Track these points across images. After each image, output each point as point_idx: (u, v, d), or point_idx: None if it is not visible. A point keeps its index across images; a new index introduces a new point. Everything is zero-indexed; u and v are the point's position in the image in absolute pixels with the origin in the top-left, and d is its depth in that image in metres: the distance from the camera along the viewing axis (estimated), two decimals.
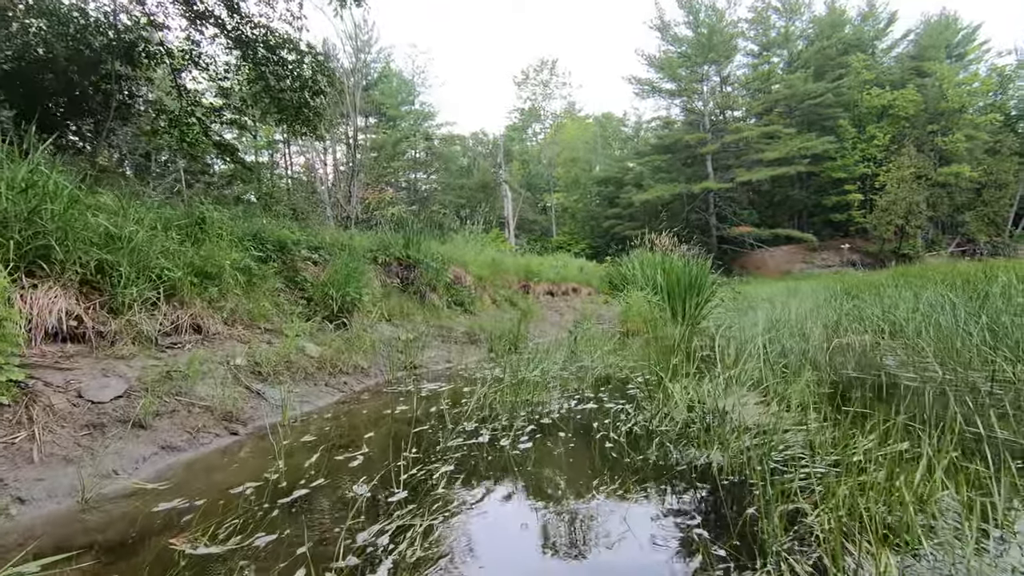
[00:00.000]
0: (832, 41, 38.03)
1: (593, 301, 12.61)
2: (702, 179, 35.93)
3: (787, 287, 15.07)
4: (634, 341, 7.01)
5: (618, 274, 11.96)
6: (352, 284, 5.69)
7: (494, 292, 9.50)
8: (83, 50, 8.27)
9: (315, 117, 10.18)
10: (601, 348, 5.52)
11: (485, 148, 48.94)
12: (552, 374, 4.44)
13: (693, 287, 9.18)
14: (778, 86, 37.26)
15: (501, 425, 2.90)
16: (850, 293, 9.24)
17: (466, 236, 11.69)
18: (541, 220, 46.45)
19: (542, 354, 5.39)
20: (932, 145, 35.00)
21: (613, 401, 3.37)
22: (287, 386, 3.73)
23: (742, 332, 5.82)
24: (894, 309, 5.82)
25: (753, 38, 40.58)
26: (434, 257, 7.78)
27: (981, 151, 35.52)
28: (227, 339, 4.11)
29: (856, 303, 6.47)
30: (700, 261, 9.63)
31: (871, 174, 34.62)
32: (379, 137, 41.34)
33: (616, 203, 41.24)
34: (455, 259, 8.71)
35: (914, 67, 37.81)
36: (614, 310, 11.91)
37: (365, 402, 3.73)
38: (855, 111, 36.87)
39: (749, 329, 6.17)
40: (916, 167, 32.92)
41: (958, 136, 33.99)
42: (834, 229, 37.08)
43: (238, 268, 4.93)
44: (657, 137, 41.30)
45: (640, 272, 10.09)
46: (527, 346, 6.94)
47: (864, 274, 16.04)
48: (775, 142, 35.24)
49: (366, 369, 4.70)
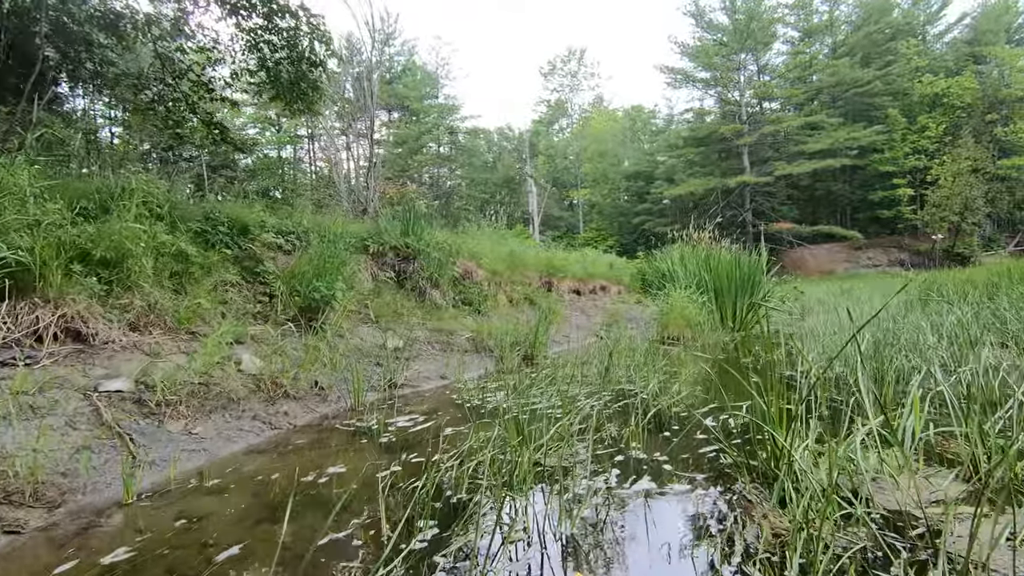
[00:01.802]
0: (880, 26, 35.53)
1: (624, 300, 11.22)
2: (738, 173, 33.88)
3: (838, 288, 13.39)
4: (679, 350, 5.65)
5: (654, 271, 10.55)
6: (325, 277, 4.48)
7: (511, 290, 8.22)
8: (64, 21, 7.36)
9: (313, 92, 9.05)
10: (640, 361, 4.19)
11: (511, 143, 47.69)
12: (580, 401, 3.14)
13: (745, 286, 7.75)
14: (821, 74, 34.94)
15: (480, 539, 1.61)
16: (928, 298, 7.62)
17: (482, 227, 10.45)
18: (567, 216, 44.93)
19: (565, 371, 4.09)
20: (991, 136, 32.31)
21: (684, 474, 2.05)
22: (184, 423, 2.53)
23: (826, 342, 4.41)
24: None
25: (793, 24, 38.25)
26: (438, 247, 6.53)
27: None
28: (124, 350, 2.93)
29: (981, 310, 4.96)
30: (754, 256, 8.18)
31: (922, 167, 32.11)
32: (402, 131, 40.48)
33: (646, 198, 39.45)
34: (466, 251, 7.47)
35: (970, 53, 35.05)
36: (647, 311, 10.51)
37: (292, 451, 2.48)
38: (905, 100, 34.36)
39: (828, 337, 4.75)
40: (973, 159, 30.38)
41: (1020, 126, 31.26)
42: (880, 226, 34.59)
43: (169, 254, 3.77)
44: (690, 129, 39.27)
45: (681, 268, 8.70)
46: (547, 355, 5.65)
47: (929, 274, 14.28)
48: (818, 133, 33.02)
49: (325, 391, 3.47)
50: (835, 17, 37.77)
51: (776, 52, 38.28)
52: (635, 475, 2.01)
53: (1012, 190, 32.46)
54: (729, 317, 7.73)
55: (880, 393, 2.61)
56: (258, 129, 40.26)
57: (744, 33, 34.92)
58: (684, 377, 3.78)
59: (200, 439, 2.46)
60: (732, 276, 7.72)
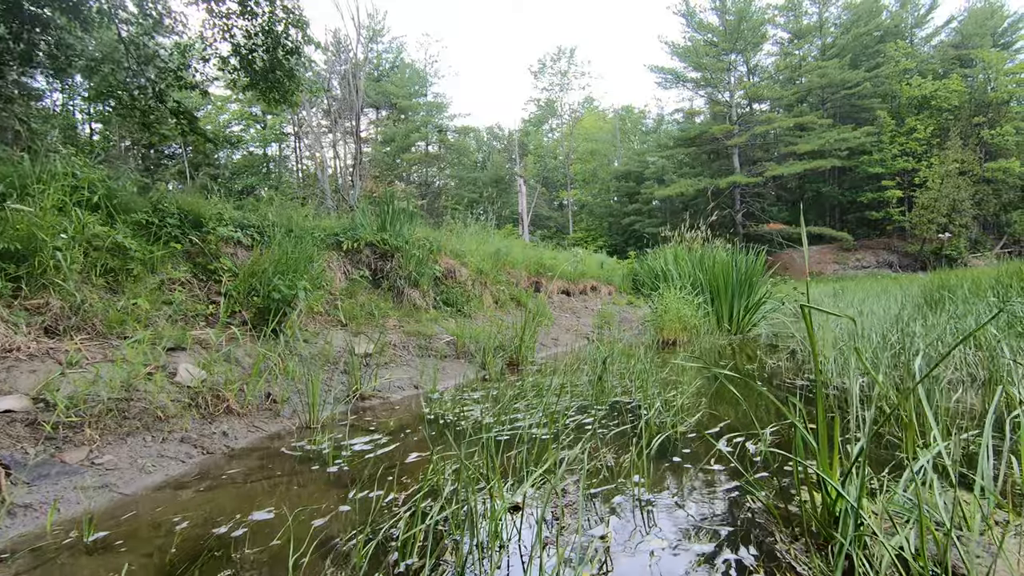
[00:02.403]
0: (869, 28, 35.56)
1: (615, 302, 10.83)
2: (728, 173, 33.69)
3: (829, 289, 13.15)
4: (678, 356, 5.25)
5: (646, 271, 10.17)
6: (288, 275, 4.03)
7: (497, 290, 7.79)
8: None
9: (289, 81, 8.56)
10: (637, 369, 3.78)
11: (500, 142, 47.18)
12: (569, 418, 2.72)
13: (743, 287, 7.39)
14: (810, 76, 34.86)
15: None
16: (932, 301, 7.25)
17: (468, 224, 10.01)
18: (557, 217, 44.54)
19: (553, 380, 3.67)
20: (978, 138, 32.43)
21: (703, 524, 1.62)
22: (88, 450, 2.07)
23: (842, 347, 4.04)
24: None
25: (783, 25, 38.21)
26: (419, 244, 6.09)
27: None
28: (31, 359, 2.46)
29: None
30: (750, 256, 7.82)
31: (911, 169, 32.15)
32: (389, 129, 39.89)
33: (636, 199, 39.19)
34: (449, 249, 7.03)
35: (957, 56, 35.19)
36: (638, 312, 10.13)
37: (218, 486, 2.02)
38: (893, 102, 34.43)
39: (835, 343, 4.38)
40: (961, 162, 30.47)
41: (1007, 128, 31.40)
42: (869, 228, 34.62)
43: (103, 248, 3.30)
44: (680, 129, 39.10)
45: (676, 268, 8.33)
46: (534, 359, 5.23)
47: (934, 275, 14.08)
48: (808, 134, 32.94)
49: (278, 404, 3.02)
50: (825, 19, 37.80)
51: (766, 53, 38.27)
52: (639, 524, 1.59)
53: (999, 192, 32.64)
54: (726, 319, 7.36)
55: (922, 412, 2.21)
56: (242, 125, 39.47)
57: (734, 34, 34.80)
58: (687, 386, 3.37)
59: (105, 471, 2.01)
60: (729, 277, 7.35)
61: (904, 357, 3.46)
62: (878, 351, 3.56)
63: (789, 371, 4.12)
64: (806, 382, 3.62)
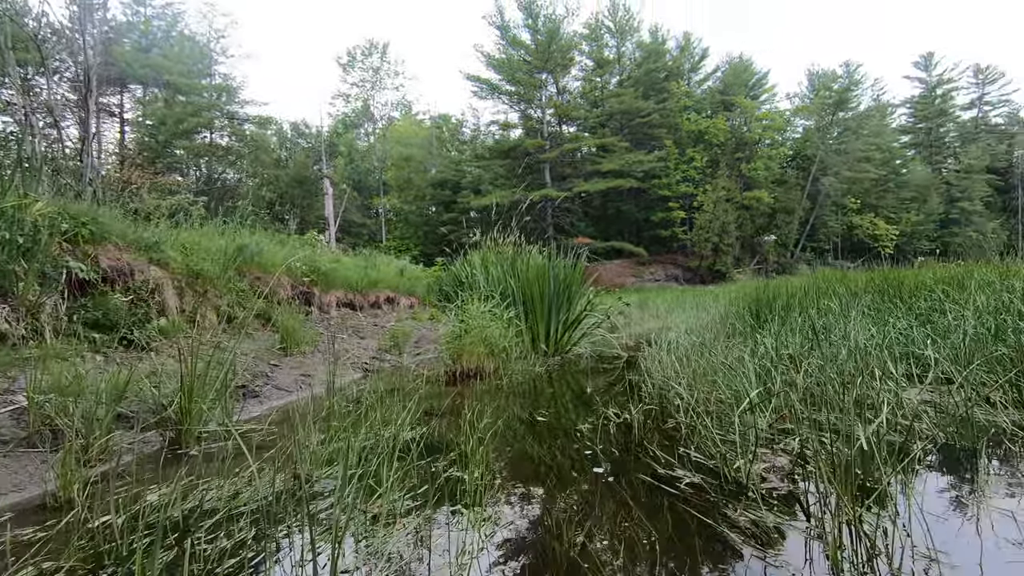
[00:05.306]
0: (657, 66, 39.75)
1: (415, 316, 8.90)
2: (541, 187, 34.47)
3: (636, 299, 13.23)
4: (475, 394, 3.49)
5: (452, 279, 8.43)
6: None
7: (231, 302, 5.30)
8: None
9: None
10: (406, 435, 1.86)
11: (307, 141, 42.44)
12: None
13: (562, 297, 6.02)
14: (611, 102, 37.58)
15: None
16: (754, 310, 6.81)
17: (209, 221, 7.23)
18: (370, 224, 41.39)
19: (225, 481, 1.53)
20: (738, 171, 38.12)
21: None
22: None
23: (696, 367, 2.63)
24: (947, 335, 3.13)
25: (589, 53, 40.80)
26: (28, 223, 3.41)
27: (773, 180, 39.77)
28: None
29: (889, 330, 3.67)
30: (569, 260, 6.54)
31: (691, 193, 36.41)
32: (161, 110, 32.93)
33: (453, 208, 38.11)
34: (130, 238, 4.40)
35: (722, 100, 41.19)
36: (442, 330, 8.38)
37: None
38: (676, 133, 38.83)
39: (690, 359, 3.03)
40: (727, 189, 35.38)
41: (758, 164, 37.54)
42: (660, 245, 38.37)
43: None
44: (496, 141, 39.22)
45: (483, 274, 6.72)
46: (253, 414, 2.98)
47: (737, 286, 14.92)
48: (610, 155, 35.27)
49: None
50: (622, 52, 41.27)
51: (574, 76, 40.33)
52: None
53: (754, 218, 38.64)
54: (542, 338, 5.91)
55: None
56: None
57: (545, 53, 35.93)
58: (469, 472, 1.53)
59: None
60: (546, 286, 5.92)
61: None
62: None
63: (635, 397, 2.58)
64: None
